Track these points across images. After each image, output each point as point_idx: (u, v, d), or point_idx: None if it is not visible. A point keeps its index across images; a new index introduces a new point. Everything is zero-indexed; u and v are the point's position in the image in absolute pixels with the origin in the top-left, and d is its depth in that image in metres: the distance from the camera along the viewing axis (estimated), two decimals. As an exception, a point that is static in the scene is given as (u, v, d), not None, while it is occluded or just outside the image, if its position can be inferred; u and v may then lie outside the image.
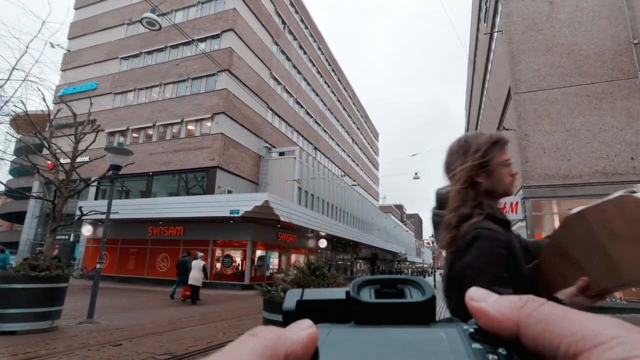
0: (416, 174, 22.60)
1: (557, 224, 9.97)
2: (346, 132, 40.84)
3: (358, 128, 46.32)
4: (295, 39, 28.69)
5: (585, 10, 9.58)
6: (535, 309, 0.21)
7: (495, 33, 12.33)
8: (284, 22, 26.86)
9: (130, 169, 19.17)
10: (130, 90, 22.23)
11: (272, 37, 24.68)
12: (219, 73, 19.81)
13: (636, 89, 8.68)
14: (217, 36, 20.72)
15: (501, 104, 11.61)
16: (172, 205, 16.28)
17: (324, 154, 32.86)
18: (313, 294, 0.31)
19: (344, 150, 39.10)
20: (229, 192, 18.17)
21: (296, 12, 29.42)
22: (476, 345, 0.23)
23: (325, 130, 33.86)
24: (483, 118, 18.39)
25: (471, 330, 0.25)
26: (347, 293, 0.30)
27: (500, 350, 0.23)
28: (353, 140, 43.39)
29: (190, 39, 12.43)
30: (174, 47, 21.87)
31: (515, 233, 1.16)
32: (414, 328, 0.26)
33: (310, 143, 30.18)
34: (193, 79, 20.68)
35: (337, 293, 0.30)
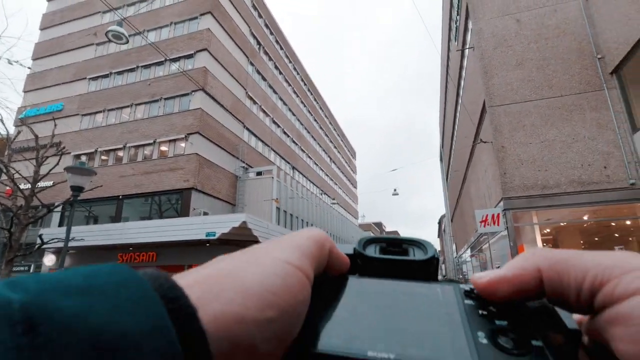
0: (395, 190, 22.68)
1: (537, 234, 10.01)
2: (324, 151, 40.93)
3: (335, 147, 46.59)
4: (270, 59, 28.83)
5: (550, 27, 10.00)
6: (550, 251, 0.22)
7: (467, 50, 12.71)
8: (259, 43, 26.99)
9: (98, 193, 18.15)
10: (99, 112, 21.37)
11: (247, 57, 24.66)
12: (193, 92, 19.42)
13: (603, 100, 9.00)
14: (190, 56, 20.44)
15: (476, 117, 11.82)
16: (143, 229, 15.41)
17: (302, 174, 32.62)
18: None
19: (322, 170, 39.04)
20: (205, 214, 17.46)
21: (271, 33, 29.71)
22: (469, 302, 0.25)
23: (302, 150, 33.76)
24: (458, 132, 18.77)
25: (467, 289, 0.26)
26: (355, 249, 0.32)
27: (491, 307, 0.24)
28: (331, 159, 43.49)
29: (164, 57, 12.12)
30: (145, 67, 21.37)
31: None
32: (413, 282, 0.28)
33: (288, 162, 29.91)
34: (166, 99, 20.16)
35: (346, 248, 0.32)
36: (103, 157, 20.46)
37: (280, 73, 30.69)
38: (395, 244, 0.32)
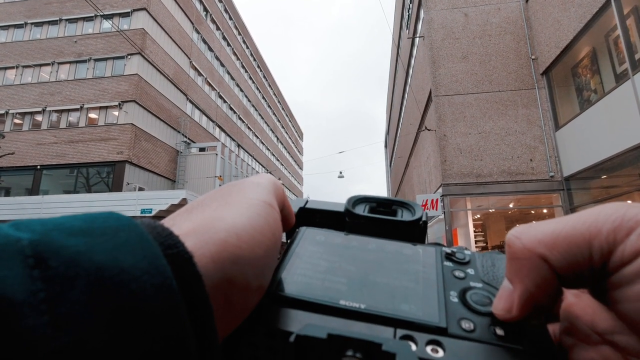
0: (341, 172, 23.06)
1: (470, 219, 10.79)
2: (271, 130, 40.10)
3: (283, 127, 45.89)
4: (218, 28, 27.08)
5: (493, 25, 10.55)
6: (540, 231, 0.20)
7: (417, 38, 13.01)
8: (206, 10, 25.14)
9: (10, 161, 15.93)
10: (11, 67, 18.50)
11: (192, 23, 22.86)
12: (129, 56, 17.58)
13: (534, 98, 9.80)
14: (126, 14, 18.38)
15: (422, 105, 12.25)
16: (66, 203, 13.89)
17: (247, 152, 31.70)
18: (316, 204, 0.35)
19: (268, 149, 38.32)
20: (141, 189, 16.22)
21: (219, 0, 27.82)
22: (448, 264, 0.26)
23: (249, 127, 32.70)
24: (404, 119, 19.44)
25: (448, 251, 0.27)
26: (345, 206, 0.32)
27: (469, 270, 0.25)
28: (278, 138, 42.82)
29: (95, 11, 10.70)
30: (70, 21, 18.80)
31: None
32: (396, 242, 0.29)
33: (233, 139, 28.81)
34: (96, 60, 18.01)
35: (337, 206, 0.34)
36: (16, 121, 17.88)
37: (229, 45, 29.05)
38: (385, 205, 0.33)
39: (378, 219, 0.31)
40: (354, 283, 0.24)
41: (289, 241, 0.29)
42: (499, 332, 0.21)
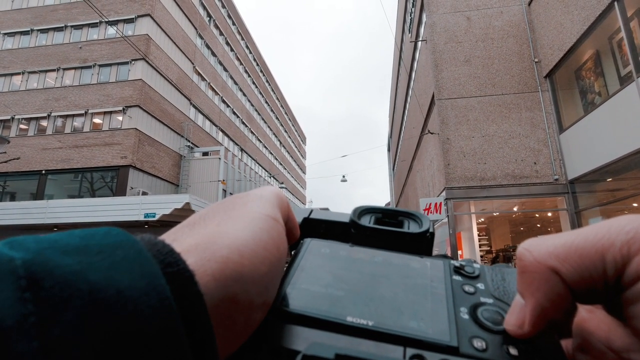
0: (344, 176, 23.06)
1: (474, 223, 10.73)
2: (274, 134, 40.21)
3: (286, 131, 46.01)
4: (221, 34, 27.28)
5: (496, 28, 10.55)
6: (552, 244, 0.20)
7: (420, 42, 13.03)
8: (209, 15, 25.35)
9: (15, 166, 16.07)
10: (17, 73, 18.70)
11: (195, 29, 23.05)
12: (133, 62, 17.72)
13: (537, 101, 9.77)
14: (131, 20, 18.55)
15: (425, 109, 12.24)
16: (71, 208, 13.95)
17: (250, 156, 31.79)
18: (320, 214, 0.34)
19: (271, 153, 38.40)
20: (144, 193, 16.28)
21: (223, 6, 28.05)
22: (457, 278, 0.25)
23: (252, 132, 32.81)
24: (407, 123, 19.43)
25: (457, 265, 0.27)
26: (350, 217, 0.32)
27: (479, 285, 0.25)
28: (281, 142, 42.91)
29: (100, 18, 10.80)
30: (76, 27, 19.01)
31: None
32: (403, 254, 0.28)
33: (236, 144, 28.90)
34: (101, 65, 18.17)
35: (342, 216, 0.33)
36: (22, 127, 18.04)
37: (232, 50, 29.24)
38: (391, 215, 0.32)
39: (384, 231, 0.30)
40: (361, 298, 0.23)
41: (293, 253, 0.29)
42: (512, 351, 0.20)
